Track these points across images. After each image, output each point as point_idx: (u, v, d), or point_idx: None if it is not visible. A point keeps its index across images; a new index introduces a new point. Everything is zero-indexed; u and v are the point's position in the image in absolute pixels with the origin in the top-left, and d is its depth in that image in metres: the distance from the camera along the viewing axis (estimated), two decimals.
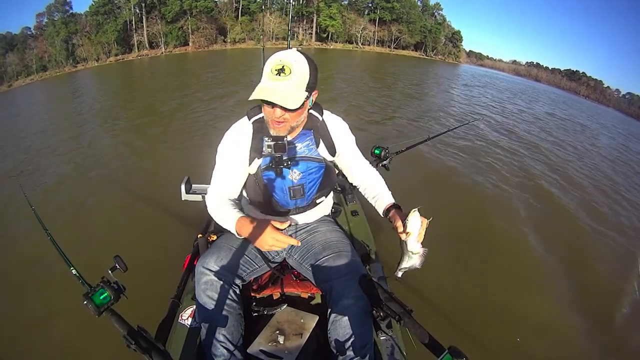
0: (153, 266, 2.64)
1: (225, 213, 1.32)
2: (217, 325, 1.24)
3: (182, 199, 2.13)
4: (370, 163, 1.60)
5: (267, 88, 1.20)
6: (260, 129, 1.35)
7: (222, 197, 1.38)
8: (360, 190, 1.58)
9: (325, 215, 1.63)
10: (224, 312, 1.26)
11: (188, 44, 38.65)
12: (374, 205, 1.48)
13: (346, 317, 1.23)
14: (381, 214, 1.43)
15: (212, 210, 1.37)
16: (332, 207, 1.73)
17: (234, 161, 1.37)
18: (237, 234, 1.28)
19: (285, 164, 1.35)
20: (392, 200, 1.43)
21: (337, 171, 1.57)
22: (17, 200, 4.11)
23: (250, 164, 1.37)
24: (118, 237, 3.49)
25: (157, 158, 5.90)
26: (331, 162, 1.48)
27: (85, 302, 0.98)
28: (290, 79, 1.19)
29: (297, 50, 1.26)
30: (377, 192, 1.48)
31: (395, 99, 12.17)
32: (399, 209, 1.36)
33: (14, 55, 30.17)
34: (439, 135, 3.43)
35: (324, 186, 1.48)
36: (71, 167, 5.87)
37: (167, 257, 2.54)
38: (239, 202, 1.44)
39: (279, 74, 1.18)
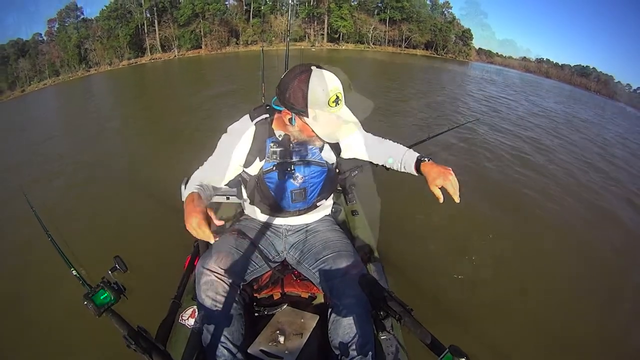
0: (153, 267, 2.66)
1: (189, 186, 1.30)
2: (218, 326, 1.24)
3: (183, 200, 2.14)
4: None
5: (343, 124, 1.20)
6: (262, 131, 1.34)
7: (201, 179, 1.34)
8: (382, 164, 1.55)
9: (325, 215, 1.63)
10: (225, 313, 1.26)
11: (201, 47, 38.87)
12: (404, 171, 1.47)
13: (347, 317, 1.23)
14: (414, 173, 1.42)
15: (189, 182, 1.35)
16: (332, 207, 1.73)
17: (227, 157, 1.36)
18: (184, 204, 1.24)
19: (288, 168, 1.35)
20: (416, 155, 1.42)
21: (338, 171, 1.56)
22: (17, 201, 4.14)
23: (247, 165, 1.37)
24: (118, 238, 3.50)
25: (158, 159, 5.91)
26: (333, 164, 1.47)
27: (85, 303, 0.98)
28: (343, 101, 1.19)
29: (317, 66, 1.20)
30: (399, 157, 1.46)
31: (397, 99, 12.03)
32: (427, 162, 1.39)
33: (26, 61, 30.70)
34: (438, 135, 3.34)
35: (326, 189, 1.48)
36: (72, 168, 5.95)
37: (167, 258, 2.54)
38: (212, 188, 1.39)
39: (337, 103, 1.17)
